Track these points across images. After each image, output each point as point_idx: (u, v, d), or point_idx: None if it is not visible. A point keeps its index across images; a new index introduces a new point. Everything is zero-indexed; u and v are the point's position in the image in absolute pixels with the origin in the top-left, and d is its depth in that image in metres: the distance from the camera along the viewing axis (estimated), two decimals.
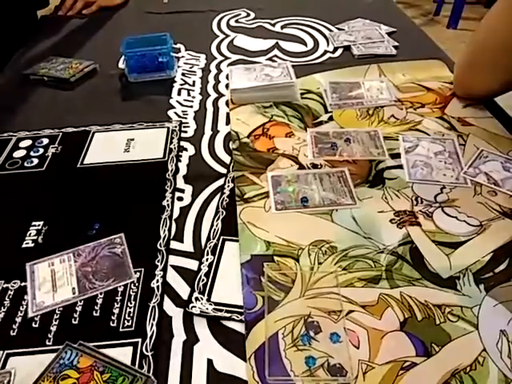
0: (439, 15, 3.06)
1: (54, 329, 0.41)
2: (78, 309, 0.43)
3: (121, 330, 0.41)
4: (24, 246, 0.49)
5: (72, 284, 0.45)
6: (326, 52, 0.87)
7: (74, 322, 0.42)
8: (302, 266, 0.46)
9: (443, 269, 0.45)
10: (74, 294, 0.44)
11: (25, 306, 0.43)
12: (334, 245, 0.48)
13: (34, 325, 0.41)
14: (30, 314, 0.42)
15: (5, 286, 0.45)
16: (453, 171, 0.56)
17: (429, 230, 0.48)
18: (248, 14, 1.04)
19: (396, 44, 0.86)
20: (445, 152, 0.59)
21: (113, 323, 0.41)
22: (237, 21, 1.02)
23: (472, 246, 0.47)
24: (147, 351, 0.39)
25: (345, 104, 0.69)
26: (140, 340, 0.40)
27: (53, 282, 0.45)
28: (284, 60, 0.84)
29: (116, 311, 0.42)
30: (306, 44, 0.91)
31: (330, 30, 0.95)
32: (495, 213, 0.50)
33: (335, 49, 0.87)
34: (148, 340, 0.40)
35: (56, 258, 0.48)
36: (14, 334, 0.41)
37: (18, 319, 0.42)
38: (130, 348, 0.39)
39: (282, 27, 0.98)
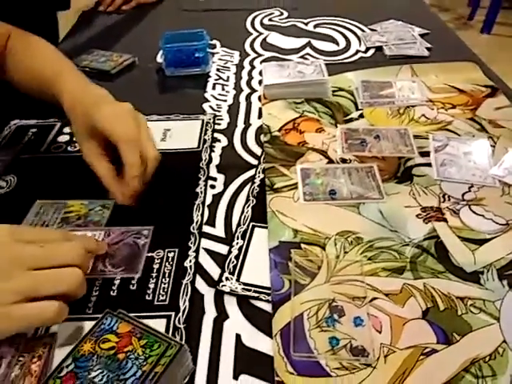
0: (473, 20, 3.01)
1: (93, 299, 0.44)
2: (117, 282, 0.46)
3: (155, 303, 0.44)
4: None
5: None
6: (357, 52, 0.88)
7: (112, 293, 0.45)
8: (328, 253, 0.47)
9: (467, 263, 0.45)
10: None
11: None
12: (359, 236, 0.49)
13: None
14: None
15: None
16: (481, 171, 0.56)
17: (455, 226, 0.49)
18: (281, 13, 1.06)
19: (428, 46, 0.87)
20: (474, 152, 0.60)
21: (148, 297, 0.44)
22: (270, 19, 1.04)
23: (497, 244, 0.47)
24: (180, 324, 0.42)
25: (376, 102, 0.71)
26: (173, 313, 0.43)
27: None
28: (316, 58, 0.85)
29: (151, 286, 0.45)
30: (338, 43, 0.92)
31: (363, 31, 0.96)
32: None
33: (367, 49, 0.89)
34: (181, 314, 0.42)
35: (90, 231, 0.51)
36: None
37: None
38: (164, 320, 0.42)
39: (315, 26, 0.99)
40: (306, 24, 1.01)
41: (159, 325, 0.41)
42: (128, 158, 0.49)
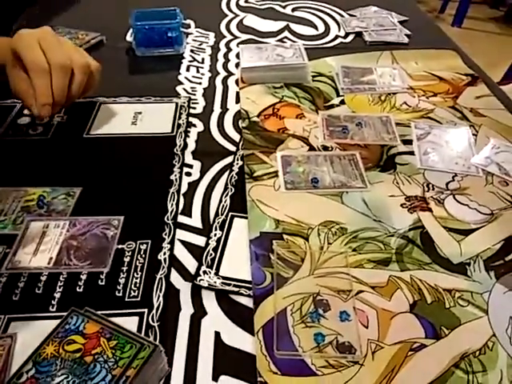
0: (444, 13, 3.05)
1: (58, 296, 0.40)
2: (83, 277, 0.42)
3: (127, 299, 0.40)
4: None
5: (52, 253, 0.44)
6: (337, 37, 0.86)
7: (78, 289, 0.41)
8: (312, 245, 0.45)
9: (454, 254, 0.44)
10: (48, 264, 0.43)
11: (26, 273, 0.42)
12: (343, 226, 0.47)
13: (37, 291, 0.41)
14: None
15: (7, 250, 0.44)
16: (464, 160, 0.55)
17: (440, 216, 0.48)
18: None
19: (408, 32, 0.85)
20: (457, 141, 0.59)
21: (118, 293, 0.41)
22: (246, 1, 1.00)
23: (483, 234, 0.46)
24: (153, 322, 0.38)
25: (357, 89, 0.68)
26: (146, 310, 0.39)
27: (38, 245, 0.44)
28: (294, 42, 0.82)
29: (122, 281, 0.42)
30: (316, 28, 0.89)
31: (342, 16, 0.94)
32: (506, 203, 0.50)
33: (347, 34, 0.86)
34: (154, 311, 0.39)
35: (53, 220, 0.47)
36: (17, 298, 0.40)
37: (21, 284, 0.41)
38: (136, 318, 0.39)
39: (293, 10, 0.96)
40: (284, 7, 0.97)
41: (131, 323, 0.38)
42: (36, 85, 0.51)
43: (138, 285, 0.41)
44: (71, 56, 0.53)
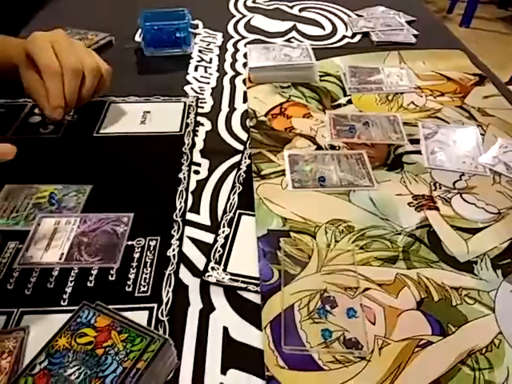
0: (452, 13, 3.04)
1: (69, 290, 0.41)
2: (94, 272, 0.43)
3: (136, 294, 0.41)
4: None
5: (63, 249, 0.44)
6: (344, 37, 0.86)
7: (89, 284, 0.42)
8: (319, 242, 0.45)
9: (461, 253, 0.44)
10: (60, 259, 0.43)
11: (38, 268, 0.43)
12: (351, 224, 0.47)
13: (49, 285, 0.41)
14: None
15: (19, 246, 0.45)
16: (472, 159, 0.56)
17: (447, 215, 0.48)
18: None
19: (415, 33, 0.85)
20: (464, 140, 0.59)
21: (128, 288, 0.41)
22: (254, 1, 1.00)
23: (490, 233, 0.46)
24: (163, 316, 0.39)
25: (364, 88, 0.69)
26: (156, 305, 0.40)
27: (49, 241, 0.45)
28: (302, 42, 0.83)
29: (132, 276, 0.42)
30: (324, 28, 0.90)
31: (349, 16, 0.94)
32: None
33: (354, 34, 0.87)
34: (164, 306, 0.40)
35: (64, 217, 0.48)
36: (29, 293, 0.41)
37: (33, 279, 0.42)
38: (146, 313, 0.39)
39: (300, 10, 0.97)
40: (291, 7, 0.98)
41: (141, 317, 0.39)
42: (49, 88, 0.52)
43: (147, 280, 0.42)
44: (82, 59, 0.55)
